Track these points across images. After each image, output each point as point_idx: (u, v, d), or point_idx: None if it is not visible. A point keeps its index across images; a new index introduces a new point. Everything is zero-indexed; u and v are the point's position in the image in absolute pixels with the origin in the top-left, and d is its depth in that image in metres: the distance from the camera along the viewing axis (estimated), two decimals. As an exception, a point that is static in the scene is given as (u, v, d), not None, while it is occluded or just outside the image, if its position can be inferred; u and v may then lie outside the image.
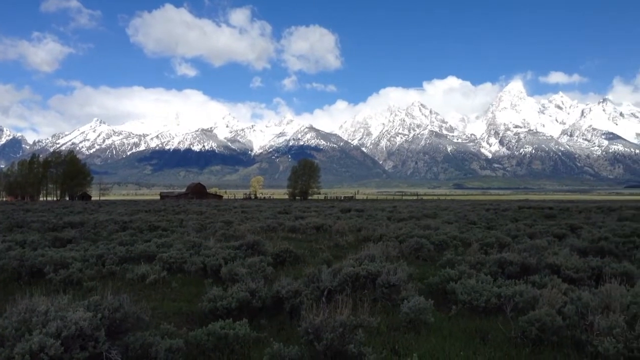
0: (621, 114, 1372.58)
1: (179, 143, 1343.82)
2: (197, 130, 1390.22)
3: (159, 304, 9.95)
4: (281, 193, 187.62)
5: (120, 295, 7.21)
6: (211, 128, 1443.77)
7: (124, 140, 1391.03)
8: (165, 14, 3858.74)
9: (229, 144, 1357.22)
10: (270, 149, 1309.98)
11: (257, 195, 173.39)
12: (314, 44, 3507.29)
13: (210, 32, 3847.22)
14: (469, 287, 9.40)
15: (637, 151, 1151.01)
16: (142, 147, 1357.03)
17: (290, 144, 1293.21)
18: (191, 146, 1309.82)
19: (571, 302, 8.00)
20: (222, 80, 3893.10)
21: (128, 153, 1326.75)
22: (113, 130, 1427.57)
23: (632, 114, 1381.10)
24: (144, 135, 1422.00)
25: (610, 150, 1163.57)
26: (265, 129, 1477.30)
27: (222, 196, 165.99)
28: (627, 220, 30.92)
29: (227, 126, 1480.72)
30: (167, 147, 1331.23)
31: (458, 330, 8.12)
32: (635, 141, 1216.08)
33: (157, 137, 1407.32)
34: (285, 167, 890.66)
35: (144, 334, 6.60)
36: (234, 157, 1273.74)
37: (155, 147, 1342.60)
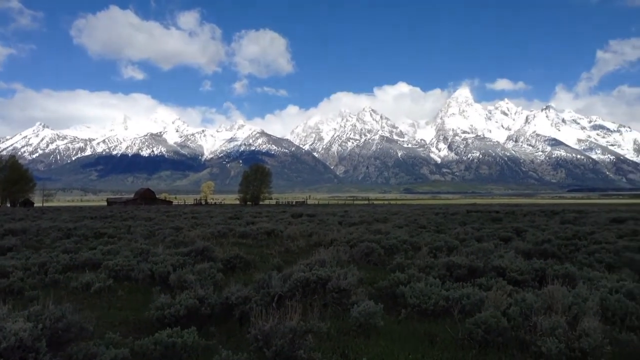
0: (563, 121, 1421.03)
1: (126, 148, 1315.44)
2: (145, 135, 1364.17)
3: (104, 313, 9.68)
4: (232, 198, 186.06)
5: (63, 304, 6.98)
6: (160, 133, 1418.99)
7: (69, 145, 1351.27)
8: (111, 15, 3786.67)
9: (179, 149, 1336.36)
10: (221, 154, 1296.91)
11: (208, 200, 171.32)
12: (265, 48, 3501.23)
13: (159, 35, 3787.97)
14: (418, 290, 9.51)
15: (579, 156, 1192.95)
16: (88, 152, 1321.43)
17: (242, 149, 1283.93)
18: (140, 151, 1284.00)
19: (516, 304, 8.18)
20: (172, 84, 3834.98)
21: (73, 158, 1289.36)
22: (57, 135, 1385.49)
23: (573, 120, 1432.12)
24: (90, 140, 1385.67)
25: (553, 156, 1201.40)
26: (216, 134, 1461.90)
27: (171, 202, 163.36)
28: (569, 223, 31.95)
29: (176, 131, 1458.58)
30: (114, 152, 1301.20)
31: (407, 333, 8.19)
32: (577, 147, 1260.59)
33: (103, 141, 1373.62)
34: (237, 173, 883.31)
35: (87, 344, 6.40)
36: (184, 162, 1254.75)
37: (102, 152, 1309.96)
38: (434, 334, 8.03)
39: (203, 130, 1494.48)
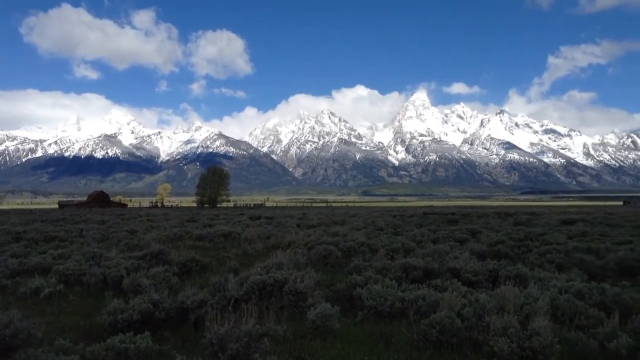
0: (516, 125, 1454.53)
1: (79, 149, 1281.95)
2: (99, 136, 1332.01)
3: (54, 319, 9.41)
4: (189, 201, 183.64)
5: (11, 310, 6.76)
6: (115, 134, 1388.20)
7: (19, 146, 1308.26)
8: (62, 13, 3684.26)
9: (135, 150, 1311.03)
10: (178, 156, 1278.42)
11: (164, 203, 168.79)
12: (223, 49, 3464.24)
13: (113, 34, 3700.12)
14: (375, 292, 9.56)
15: (531, 160, 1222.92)
16: (39, 154, 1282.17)
17: (199, 151, 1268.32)
18: (93, 153, 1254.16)
19: (470, 305, 8.32)
20: (127, 84, 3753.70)
21: (23, 160, 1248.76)
22: (7, 136, 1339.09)
23: (526, 124, 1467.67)
24: (41, 141, 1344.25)
25: (507, 159, 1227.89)
26: (172, 136, 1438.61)
27: (126, 205, 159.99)
28: (521, 224, 32.73)
29: (132, 132, 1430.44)
30: (66, 154, 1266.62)
31: (363, 335, 8.22)
32: (529, 150, 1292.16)
33: (55, 143, 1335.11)
34: (194, 175, 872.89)
35: (36, 351, 6.22)
36: (140, 164, 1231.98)
37: (54, 153, 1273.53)
38: (390, 335, 8.08)
39: (159, 132, 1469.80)
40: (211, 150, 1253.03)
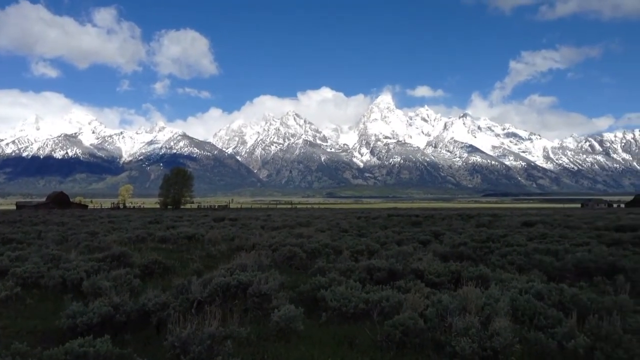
0: (479, 128, 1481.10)
1: (38, 149, 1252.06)
2: (59, 136, 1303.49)
3: (11, 322, 9.16)
4: (152, 202, 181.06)
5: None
6: (75, 134, 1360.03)
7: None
8: (20, 10, 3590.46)
9: (96, 151, 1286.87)
10: (141, 157, 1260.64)
11: (126, 204, 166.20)
12: (187, 48, 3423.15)
13: (73, 32, 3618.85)
14: (339, 293, 9.57)
15: (493, 162, 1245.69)
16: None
17: (162, 152, 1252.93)
18: (52, 153, 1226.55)
19: (432, 305, 8.40)
20: (88, 83, 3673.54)
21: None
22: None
23: (488, 127, 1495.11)
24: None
25: (470, 162, 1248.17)
26: (135, 136, 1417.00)
27: (87, 206, 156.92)
28: (483, 226, 33.26)
29: (93, 132, 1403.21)
30: (24, 154, 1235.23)
31: (327, 336, 8.22)
32: (491, 153, 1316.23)
33: (13, 142, 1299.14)
34: (157, 176, 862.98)
35: (-9, 357, 6.03)
36: (101, 165, 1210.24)
37: (11, 153, 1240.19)
38: (354, 337, 8.10)
39: (121, 132, 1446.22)
40: (175, 151, 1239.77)
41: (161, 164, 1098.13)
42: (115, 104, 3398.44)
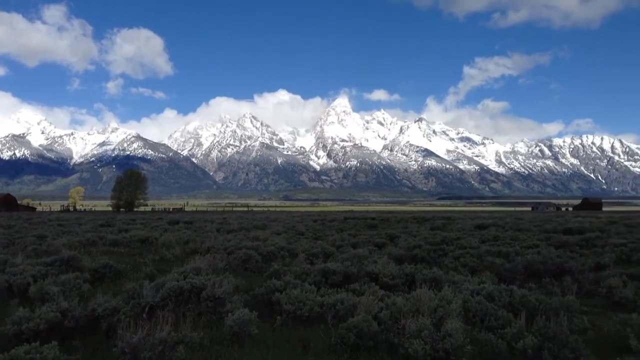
0: (434, 132, 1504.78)
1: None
2: (6, 136, 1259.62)
3: (-48, 330, 8.79)
4: (104, 205, 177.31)
5: None
6: (23, 134, 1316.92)
7: None
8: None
9: (45, 152, 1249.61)
10: (93, 158, 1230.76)
11: (77, 207, 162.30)
12: (140, 48, 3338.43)
13: (22, 29, 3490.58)
14: (294, 297, 9.55)
15: (447, 166, 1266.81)
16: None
17: (115, 153, 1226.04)
18: None
19: (386, 308, 8.46)
20: (37, 81, 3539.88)
21: None
22: None
23: (443, 132, 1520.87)
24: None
25: (425, 165, 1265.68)
26: (86, 137, 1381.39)
27: (35, 208, 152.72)
28: (438, 229, 33.75)
29: (42, 132, 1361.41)
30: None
31: (282, 340, 8.19)
32: (446, 157, 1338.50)
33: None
34: (109, 178, 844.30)
35: None
36: (51, 166, 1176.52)
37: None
38: (308, 340, 8.09)
39: (72, 133, 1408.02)
40: (128, 152, 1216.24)
41: (114, 166, 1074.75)
42: (66, 104, 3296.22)
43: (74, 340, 8.04)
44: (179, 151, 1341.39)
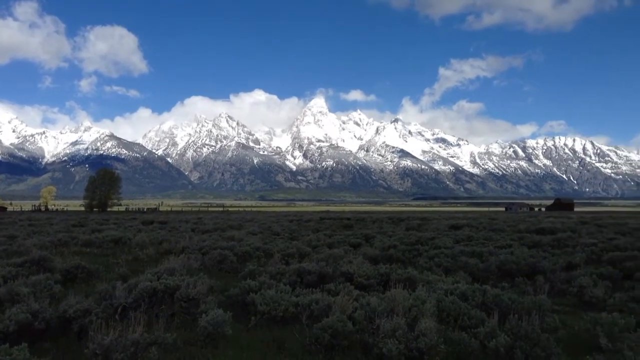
0: (410, 133, 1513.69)
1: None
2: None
3: None
4: (77, 205, 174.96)
5: None
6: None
7: None
8: None
9: (16, 151, 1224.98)
10: (65, 158, 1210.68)
11: (49, 207, 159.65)
12: (114, 45, 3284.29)
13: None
14: (269, 297, 9.53)
15: (423, 167, 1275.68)
16: None
17: (88, 152, 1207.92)
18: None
19: (361, 308, 8.49)
20: (7, 79, 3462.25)
21: None
22: None
23: (418, 132, 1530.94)
24: None
25: (401, 166, 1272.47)
26: (59, 136, 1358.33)
27: (6, 208, 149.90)
28: (413, 229, 33.98)
29: (13, 131, 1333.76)
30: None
31: (256, 340, 8.17)
32: (421, 158, 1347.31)
33: None
34: (82, 177, 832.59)
35: None
36: (22, 165, 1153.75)
37: None
38: (283, 340, 8.08)
39: (44, 132, 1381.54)
40: (102, 152, 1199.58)
41: (87, 165, 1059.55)
42: (37, 102, 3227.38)
43: (44, 342, 7.93)
44: (154, 151, 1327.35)
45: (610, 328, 7.92)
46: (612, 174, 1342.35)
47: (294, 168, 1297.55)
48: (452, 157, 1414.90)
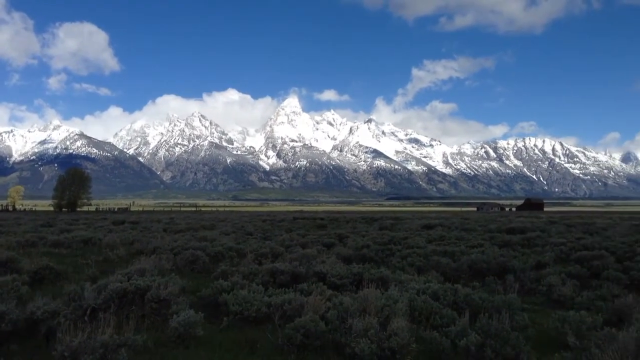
0: (383, 133, 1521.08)
1: None
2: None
3: None
4: (46, 205, 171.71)
5: None
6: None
7: None
8: None
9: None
10: (33, 157, 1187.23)
11: (16, 207, 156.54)
12: (84, 42, 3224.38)
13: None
14: (241, 297, 9.48)
15: (396, 167, 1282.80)
16: None
17: (58, 151, 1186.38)
18: None
19: (334, 307, 8.50)
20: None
21: None
22: None
23: (392, 132, 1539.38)
24: None
25: (374, 166, 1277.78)
26: (27, 134, 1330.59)
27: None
28: (386, 229, 34.17)
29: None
30: None
31: (228, 341, 8.12)
32: (395, 158, 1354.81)
33: None
34: (51, 177, 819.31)
35: None
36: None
37: None
38: (255, 341, 8.05)
39: (11, 130, 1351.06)
40: (71, 151, 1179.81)
41: (56, 165, 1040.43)
42: (5, 100, 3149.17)
43: (11, 344, 7.77)
44: (125, 150, 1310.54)
45: (578, 326, 8.07)
46: (581, 175, 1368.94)
47: (268, 168, 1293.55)
48: (425, 157, 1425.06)
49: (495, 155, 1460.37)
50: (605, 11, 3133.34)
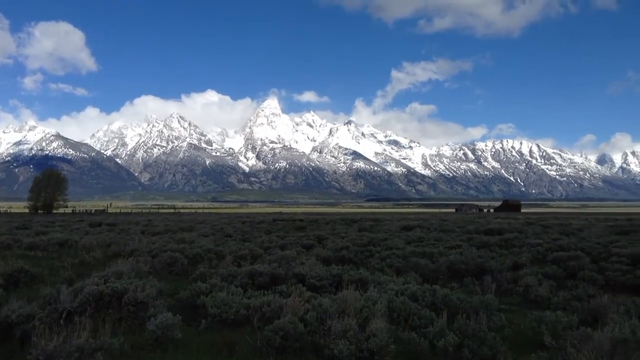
0: (363, 134, 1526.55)
1: None
2: None
3: None
4: (21, 207, 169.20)
5: None
6: None
7: None
8: None
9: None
10: (8, 158, 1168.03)
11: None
12: (60, 42, 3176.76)
13: None
14: (220, 300, 9.42)
15: (376, 168, 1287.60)
16: None
17: (33, 152, 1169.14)
18: None
19: (313, 309, 8.49)
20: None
21: None
22: None
23: (371, 134, 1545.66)
24: None
25: (354, 167, 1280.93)
26: (2, 135, 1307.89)
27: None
28: (365, 230, 34.26)
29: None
30: None
31: (206, 344, 8.07)
32: (374, 159, 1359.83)
33: None
34: (26, 178, 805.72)
35: None
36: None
37: None
38: (234, 343, 8.00)
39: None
40: (47, 152, 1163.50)
41: (31, 166, 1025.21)
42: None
43: (-16, 349, 7.62)
44: (102, 151, 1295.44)
45: (554, 326, 8.16)
46: (557, 176, 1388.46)
47: (247, 169, 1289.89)
48: (404, 159, 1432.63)
49: (473, 157, 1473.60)
50: (581, 15, 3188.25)
